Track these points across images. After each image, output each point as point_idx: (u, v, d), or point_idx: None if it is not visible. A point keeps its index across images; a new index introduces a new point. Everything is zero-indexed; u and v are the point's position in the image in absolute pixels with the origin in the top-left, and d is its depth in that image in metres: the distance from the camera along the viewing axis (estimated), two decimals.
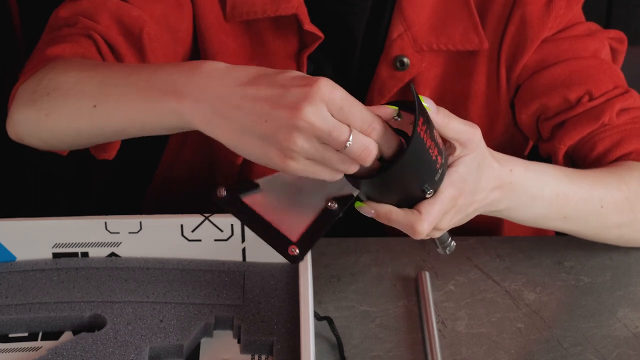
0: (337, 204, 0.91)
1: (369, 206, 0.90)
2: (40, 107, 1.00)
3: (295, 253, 0.90)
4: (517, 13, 1.14)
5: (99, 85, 0.96)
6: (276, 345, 0.98)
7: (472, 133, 0.92)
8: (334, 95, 0.83)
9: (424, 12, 1.14)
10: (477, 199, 0.95)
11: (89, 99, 0.96)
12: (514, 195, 1.00)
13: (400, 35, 1.14)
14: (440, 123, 0.89)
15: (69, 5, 1.12)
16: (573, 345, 1.02)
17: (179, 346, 0.97)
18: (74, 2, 1.11)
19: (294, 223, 0.91)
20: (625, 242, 1.13)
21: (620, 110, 1.13)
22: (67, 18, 1.11)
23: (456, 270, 1.12)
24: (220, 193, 0.91)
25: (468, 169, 0.92)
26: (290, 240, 0.91)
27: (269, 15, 1.13)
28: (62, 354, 0.96)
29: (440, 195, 0.90)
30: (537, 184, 1.01)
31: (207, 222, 1.04)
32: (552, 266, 1.13)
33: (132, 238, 1.05)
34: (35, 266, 1.06)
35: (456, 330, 1.04)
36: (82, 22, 1.09)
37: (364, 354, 1.01)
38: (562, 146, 1.15)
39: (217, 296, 1.03)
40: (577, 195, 1.05)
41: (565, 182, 1.04)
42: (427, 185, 0.89)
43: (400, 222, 0.90)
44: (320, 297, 1.07)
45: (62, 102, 0.98)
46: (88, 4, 1.10)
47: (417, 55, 1.15)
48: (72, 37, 1.08)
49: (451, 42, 1.15)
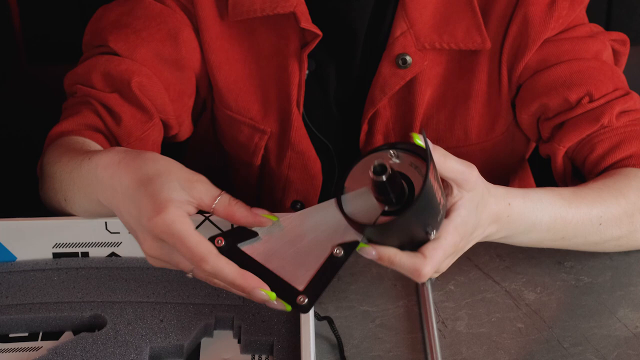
0: (343, 251, 0.89)
1: (373, 248, 0.89)
2: (41, 186, 1.12)
3: (303, 302, 0.88)
4: (519, 13, 1.14)
5: (68, 178, 1.03)
6: (276, 345, 0.98)
7: (469, 173, 0.91)
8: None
9: (427, 11, 1.14)
10: (475, 236, 0.96)
11: (60, 194, 1.05)
12: (512, 226, 1.00)
13: (403, 33, 1.14)
14: (436, 162, 0.88)
15: (69, 75, 1.18)
16: (573, 345, 1.02)
17: (179, 346, 0.97)
18: (72, 71, 1.18)
19: (299, 271, 0.90)
20: (624, 249, 1.13)
21: (620, 112, 1.13)
22: (69, 87, 1.18)
23: (456, 270, 1.12)
24: (218, 243, 0.90)
25: (467, 211, 0.92)
26: (298, 290, 0.89)
27: (267, 13, 1.14)
28: (62, 354, 0.96)
29: (444, 241, 0.90)
30: (535, 212, 1.01)
31: (207, 222, 1.04)
32: (552, 266, 1.13)
33: (132, 238, 1.05)
34: (35, 266, 1.06)
35: (456, 330, 1.04)
36: (80, 90, 1.15)
37: (364, 354, 1.01)
38: (562, 147, 1.15)
39: (217, 296, 1.03)
40: (576, 218, 1.04)
41: (563, 206, 1.04)
42: (430, 227, 0.88)
43: (405, 266, 0.89)
44: (320, 297, 1.07)
45: (48, 194, 1.09)
46: (82, 69, 1.17)
47: (419, 53, 1.15)
48: (75, 107, 1.15)
49: (454, 41, 1.15)
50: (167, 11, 1.17)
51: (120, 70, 1.14)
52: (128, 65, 1.14)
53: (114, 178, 0.92)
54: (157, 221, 0.87)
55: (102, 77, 1.14)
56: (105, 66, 1.14)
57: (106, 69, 1.14)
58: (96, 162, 0.95)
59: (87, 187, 0.98)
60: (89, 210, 1.03)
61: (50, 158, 1.09)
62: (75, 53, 1.24)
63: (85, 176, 0.98)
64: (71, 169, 1.02)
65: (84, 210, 1.03)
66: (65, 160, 1.04)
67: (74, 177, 1.01)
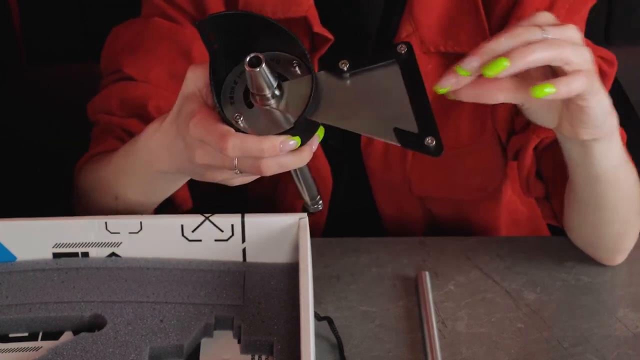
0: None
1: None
2: (81, 203, 1.14)
3: (432, 143, 0.85)
4: (515, 15, 1.14)
5: (114, 175, 1.07)
6: (276, 346, 0.98)
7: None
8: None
9: (434, 14, 1.14)
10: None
11: (110, 194, 1.08)
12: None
13: (409, 35, 1.14)
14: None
15: (90, 104, 1.19)
16: (573, 345, 1.02)
17: (179, 346, 0.97)
18: (93, 101, 1.19)
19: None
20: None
21: None
22: (92, 116, 1.19)
23: (456, 270, 1.12)
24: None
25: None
26: (413, 133, 0.85)
27: (279, 17, 1.14)
28: (62, 354, 0.96)
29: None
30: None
31: (207, 222, 1.04)
32: (552, 266, 1.13)
33: (132, 238, 1.05)
34: (35, 266, 1.06)
35: (456, 330, 1.04)
36: (102, 119, 1.17)
37: (364, 354, 1.01)
38: (535, 137, 1.13)
39: (218, 296, 1.03)
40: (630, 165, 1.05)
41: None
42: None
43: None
44: (320, 297, 1.07)
45: (96, 204, 1.11)
46: (100, 99, 1.18)
47: (424, 56, 1.15)
48: (100, 136, 1.17)
49: (458, 45, 1.15)
50: (177, 28, 1.17)
51: (137, 95, 1.15)
52: (144, 90, 1.15)
53: (158, 135, 0.97)
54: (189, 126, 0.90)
55: (120, 103, 1.15)
56: (122, 93, 1.16)
57: (123, 95, 1.15)
58: (144, 136, 0.99)
59: (142, 167, 1.01)
60: (146, 194, 1.05)
61: (89, 172, 1.12)
62: (75, 53, 1.25)
63: (138, 156, 1.01)
64: (120, 162, 1.05)
65: (137, 200, 1.06)
66: (108, 161, 1.08)
67: (125, 168, 1.04)
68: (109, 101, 1.16)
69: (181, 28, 1.17)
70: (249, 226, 1.04)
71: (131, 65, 1.16)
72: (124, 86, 1.16)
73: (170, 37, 1.17)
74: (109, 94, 1.17)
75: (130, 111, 1.15)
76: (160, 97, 1.15)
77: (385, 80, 0.87)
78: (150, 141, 0.99)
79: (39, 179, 1.71)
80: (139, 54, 1.17)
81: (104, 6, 1.61)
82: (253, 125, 0.87)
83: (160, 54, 1.16)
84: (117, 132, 1.15)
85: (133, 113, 1.15)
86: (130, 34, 1.19)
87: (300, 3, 1.12)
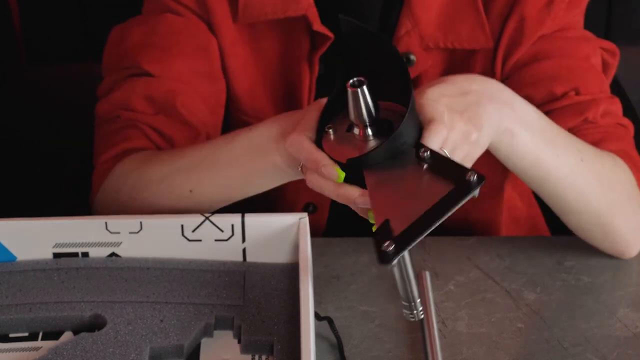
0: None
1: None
2: (130, 205, 1.10)
3: (389, 249, 0.83)
4: (516, 11, 1.14)
5: (188, 171, 1.06)
6: (276, 346, 0.98)
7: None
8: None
9: (433, 10, 1.14)
10: (472, 89, 0.98)
11: (185, 187, 1.06)
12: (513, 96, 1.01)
13: (408, 32, 1.14)
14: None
15: (104, 100, 1.17)
16: (573, 345, 1.02)
17: (179, 346, 0.97)
18: (108, 97, 1.16)
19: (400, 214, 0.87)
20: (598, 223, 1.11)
21: (605, 112, 1.13)
22: (108, 113, 1.16)
23: (456, 270, 1.12)
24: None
25: (429, 84, 0.96)
26: (391, 234, 0.86)
27: (278, 16, 1.14)
28: (62, 354, 0.96)
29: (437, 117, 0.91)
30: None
31: (207, 222, 1.04)
32: (552, 266, 1.13)
33: (132, 238, 1.05)
34: (35, 266, 1.06)
35: (456, 330, 1.04)
36: (123, 115, 1.14)
37: (364, 354, 1.01)
38: None
39: (218, 296, 1.03)
40: (562, 134, 1.05)
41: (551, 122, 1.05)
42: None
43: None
44: (320, 297, 1.07)
45: (154, 199, 1.08)
46: (120, 94, 1.15)
47: (423, 52, 1.15)
48: (121, 132, 1.14)
49: (458, 40, 1.15)
50: (191, 23, 1.16)
51: (163, 92, 1.14)
52: (169, 86, 1.14)
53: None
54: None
55: (144, 100, 1.14)
56: (145, 89, 1.14)
57: (147, 92, 1.14)
58: (262, 125, 1.02)
59: (256, 156, 1.01)
60: (240, 189, 1.06)
61: (139, 169, 1.10)
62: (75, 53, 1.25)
63: (251, 141, 1.02)
64: (207, 154, 1.05)
65: (219, 193, 1.06)
66: (188, 153, 1.07)
67: (219, 158, 1.04)
68: (130, 98, 1.14)
69: (195, 24, 1.16)
70: (249, 226, 1.04)
71: (150, 61, 1.15)
72: (146, 82, 1.15)
73: (187, 32, 1.16)
74: (129, 90, 1.15)
75: (156, 108, 1.14)
76: (185, 93, 1.14)
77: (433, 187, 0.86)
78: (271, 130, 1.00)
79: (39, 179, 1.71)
80: (156, 49, 1.15)
81: (104, 6, 1.61)
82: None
83: (179, 50, 1.15)
84: (142, 129, 1.14)
85: (159, 110, 1.14)
86: (142, 30, 1.18)
87: (299, 2, 1.12)
